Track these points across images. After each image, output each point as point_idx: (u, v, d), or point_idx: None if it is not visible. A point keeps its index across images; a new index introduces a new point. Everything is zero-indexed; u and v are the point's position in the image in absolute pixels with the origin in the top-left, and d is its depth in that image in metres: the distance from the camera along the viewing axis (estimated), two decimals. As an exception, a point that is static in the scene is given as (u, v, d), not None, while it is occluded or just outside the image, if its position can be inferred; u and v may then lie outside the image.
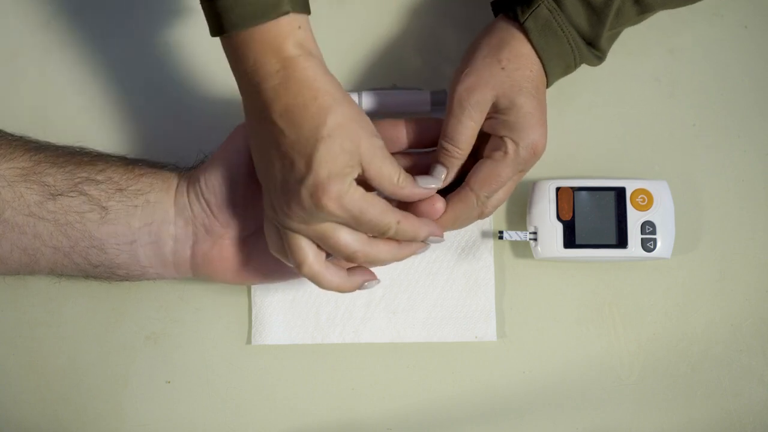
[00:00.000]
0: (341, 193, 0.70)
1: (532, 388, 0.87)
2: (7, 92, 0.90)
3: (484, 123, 0.77)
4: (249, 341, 0.87)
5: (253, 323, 0.87)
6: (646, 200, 0.85)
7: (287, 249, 0.74)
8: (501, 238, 0.85)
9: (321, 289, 0.86)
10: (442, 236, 0.76)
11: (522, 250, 0.88)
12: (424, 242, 0.76)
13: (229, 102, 0.89)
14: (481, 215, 0.79)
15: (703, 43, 0.91)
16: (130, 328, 0.87)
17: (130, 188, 0.80)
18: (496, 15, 0.82)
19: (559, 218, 0.85)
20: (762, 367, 0.87)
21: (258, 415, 0.86)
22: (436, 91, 0.87)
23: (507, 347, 0.87)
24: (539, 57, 0.78)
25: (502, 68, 0.77)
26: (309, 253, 0.74)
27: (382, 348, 0.87)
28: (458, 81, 0.77)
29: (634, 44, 0.90)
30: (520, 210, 0.88)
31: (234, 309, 0.88)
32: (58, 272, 0.82)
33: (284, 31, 0.70)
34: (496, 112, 0.77)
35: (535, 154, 0.77)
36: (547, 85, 0.80)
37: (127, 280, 0.82)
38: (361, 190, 0.71)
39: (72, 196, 0.79)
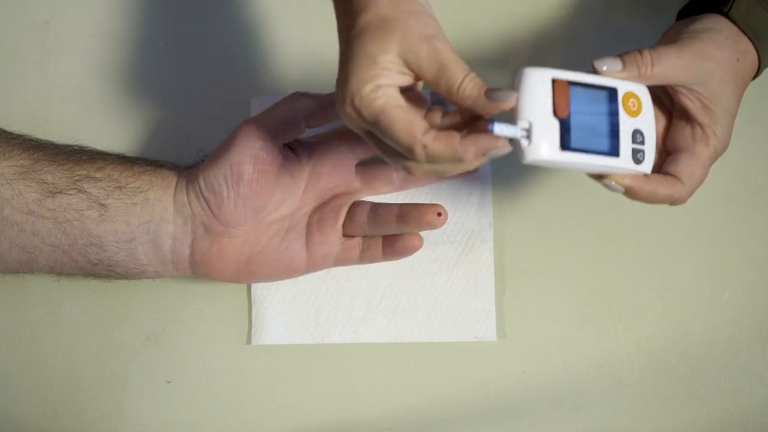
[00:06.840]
0: (354, 95, 0.65)
1: (532, 388, 0.87)
2: (7, 92, 0.90)
3: (684, 94, 0.74)
4: (249, 341, 0.87)
5: (253, 323, 0.87)
6: (636, 105, 0.73)
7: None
8: (491, 130, 0.67)
9: (320, 289, 0.87)
10: (503, 147, 0.66)
11: (522, 248, 0.88)
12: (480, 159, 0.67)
13: (228, 102, 0.89)
14: (675, 203, 0.76)
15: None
16: (129, 328, 0.87)
17: (129, 186, 0.80)
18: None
19: (555, 115, 0.69)
20: (762, 367, 0.87)
21: (258, 415, 0.86)
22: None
23: (507, 347, 0.87)
24: (752, 41, 0.76)
25: (737, 60, 0.75)
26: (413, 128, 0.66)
27: (382, 348, 0.87)
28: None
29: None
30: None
31: (234, 309, 0.88)
32: (57, 270, 0.82)
33: None
34: (701, 90, 0.74)
35: (721, 153, 0.77)
36: (758, 73, 0.78)
37: (126, 278, 0.82)
38: (387, 98, 0.66)
39: (71, 194, 0.79)
